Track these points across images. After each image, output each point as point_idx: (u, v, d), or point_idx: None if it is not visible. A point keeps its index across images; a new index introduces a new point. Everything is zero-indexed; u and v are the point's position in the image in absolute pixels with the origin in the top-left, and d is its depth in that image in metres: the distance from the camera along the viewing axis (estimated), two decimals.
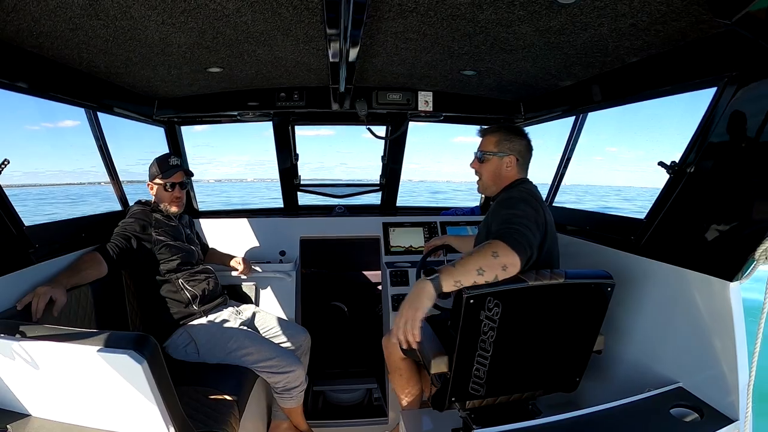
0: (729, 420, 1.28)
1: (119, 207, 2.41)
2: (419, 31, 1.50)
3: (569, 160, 2.47)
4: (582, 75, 1.92)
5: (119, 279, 2.05)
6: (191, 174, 2.30)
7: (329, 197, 3.20)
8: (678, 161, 1.53)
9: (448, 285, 1.27)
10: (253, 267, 2.51)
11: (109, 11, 1.29)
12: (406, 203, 3.37)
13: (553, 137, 2.64)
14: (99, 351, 1.09)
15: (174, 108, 2.51)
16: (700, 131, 1.44)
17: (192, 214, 2.83)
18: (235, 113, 2.51)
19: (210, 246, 2.59)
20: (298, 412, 2.14)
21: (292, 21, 1.40)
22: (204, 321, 2.04)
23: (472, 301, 1.26)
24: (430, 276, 1.29)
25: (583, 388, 1.62)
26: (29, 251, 1.60)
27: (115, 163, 2.38)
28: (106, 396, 1.19)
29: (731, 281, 1.28)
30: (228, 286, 2.45)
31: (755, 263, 1.23)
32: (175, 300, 2.03)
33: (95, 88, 1.99)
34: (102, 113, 2.18)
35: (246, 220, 2.86)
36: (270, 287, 2.60)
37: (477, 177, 1.75)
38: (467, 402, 1.51)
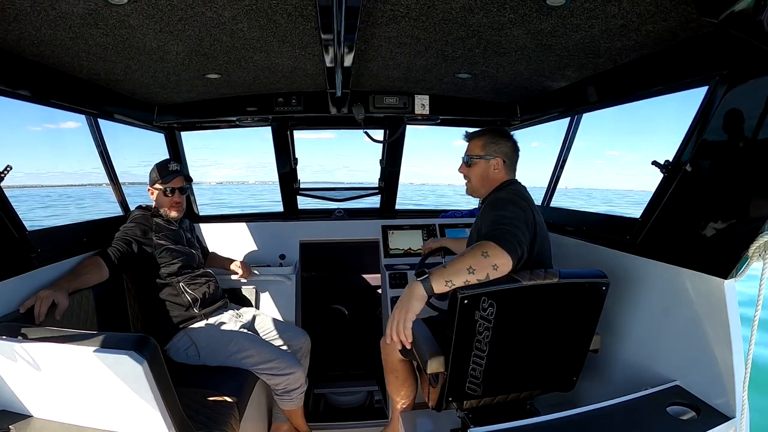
0: (726, 417, 1.27)
1: (120, 212, 2.43)
2: (413, 36, 1.52)
3: (565, 161, 2.48)
4: (576, 76, 1.93)
5: (120, 283, 2.07)
6: (191, 179, 2.33)
7: (328, 201, 3.23)
8: (671, 160, 1.54)
9: (439, 286, 1.28)
10: (253, 270, 2.53)
11: (108, 20, 1.32)
12: (418, 207, 3.39)
13: (553, 139, 2.65)
14: (100, 352, 1.11)
15: (173, 114, 2.54)
16: (692, 130, 1.45)
17: (192, 218, 2.85)
18: (234, 119, 2.53)
19: (210, 250, 2.61)
20: (298, 414, 2.15)
21: (287, 28, 1.43)
22: (204, 324, 2.06)
23: (466, 301, 1.27)
24: (421, 277, 1.30)
25: (581, 387, 1.62)
26: (31, 256, 1.62)
27: (116, 168, 2.41)
28: (107, 397, 1.20)
29: (726, 279, 1.28)
30: (228, 289, 2.47)
31: (749, 260, 1.23)
32: (176, 303, 2.05)
33: (95, 95, 2.02)
34: (102, 119, 2.21)
35: (246, 224, 2.88)
36: (270, 290, 2.62)
37: (465, 181, 1.78)
38: (465, 402, 1.51)
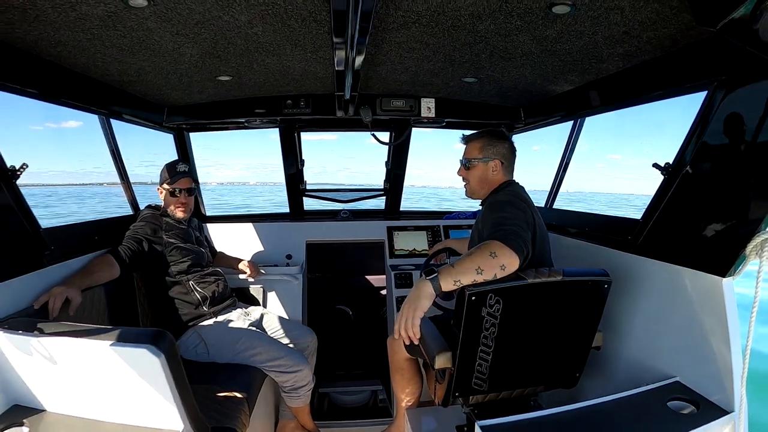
0: (725, 412, 1.30)
1: (130, 211, 2.48)
2: (422, 41, 1.57)
3: (568, 164, 2.52)
4: (579, 80, 1.98)
5: (131, 281, 2.11)
6: (197, 181, 2.36)
7: (334, 202, 3.27)
8: (672, 163, 1.58)
9: (447, 284, 1.32)
10: (261, 270, 2.56)
11: (126, 22, 1.35)
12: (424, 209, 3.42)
13: (556, 142, 2.68)
14: (118, 346, 1.14)
15: (183, 115, 2.58)
16: (692, 133, 1.49)
17: (200, 218, 2.89)
18: (243, 120, 2.58)
19: (218, 250, 2.65)
20: (305, 411, 2.18)
21: (300, 32, 1.47)
22: (213, 322, 2.10)
23: (473, 298, 1.31)
24: (429, 276, 1.34)
25: (583, 384, 1.65)
26: (45, 253, 1.65)
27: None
28: (122, 390, 1.23)
29: (724, 277, 1.31)
30: (236, 288, 2.50)
31: (746, 259, 1.26)
32: (186, 301, 2.09)
33: (108, 95, 2.05)
34: (114, 120, 2.26)
35: (253, 224, 2.92)
36: (277, 290, 2.66)
37: (464, 183, 1.81)
38: (471, 397, 1.55)
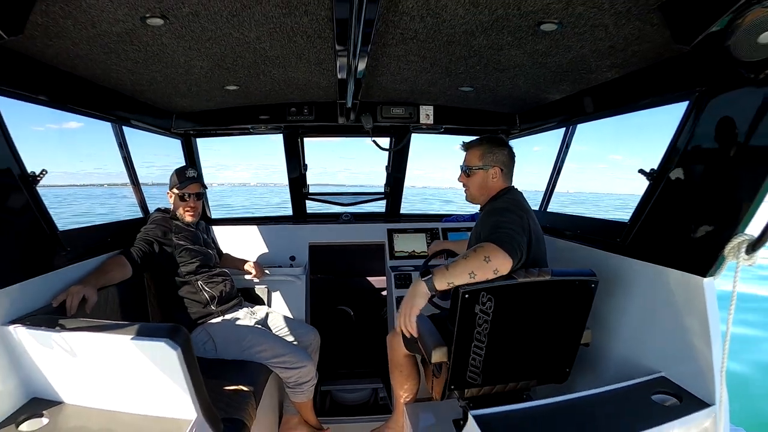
0: (706, 405, 1.37)
1: (140, 214, 2.57)
2: (419, 55, 1.67)
3: (561, 169, 2.61)
4: (570, 90, 2.07)
5: (141, 281, 2.20)
6: (206, 186, 2.46)
7: (336, 205, 3.37)
8: (656, 168, 1.66)
9: (441, 285, 1.42)
10: (265, 271, 2.66)
11: (143, 38, 1.45)
12: (428, 210, 3.50)
13: (556, 143, 2.73)
14: (138, 339, 1.24)
15: (190, 121, 2.68)
16: (675, 141, 1.57)
17: (206, 221, 2.98)
18: (248, 126, 2.68)
19: (224, 251, 2.74)
20: (308, 406, 2.27)
21: (305, 47, 1.57)
22: (221, 320, 2.19)
23: (467, 296, 1.40)
24: (424, 277, 1.44)
25: (574, 379, 1.73)
26: (62, 254, 1.73)
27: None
28: (139, 382, 1.32)
29: (705, 277, 1.39)
30: (242, 288, 2.59)
31: (725, 259, 1.34)
32: (195, 300, 2.18)
33: (119, 103, 2.15)
34: (126, 126, 2.35)
35: (257, 227, 3.01)
36: (281, 290, 2.75)
37: (464, 189, 1.87)
38: (466, 391, 1.63)
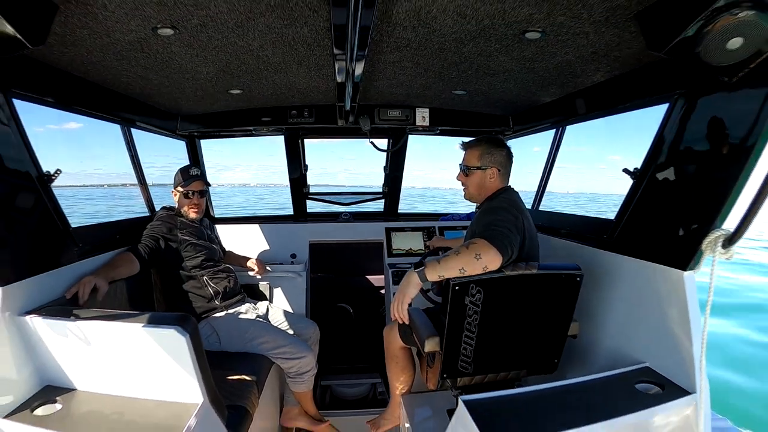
0: (687, 393, 1.43)
1: (147, 212, 2.66)
2: (413, 61, 1.76)
3: (552, 169, 2.69)
4: (559, 92, 2.15)
5: (148, 276, 2.29)
6: (209, 184, 2.55)
7: (336, 204, 3.46)
8: (639, 168, 1.74)
9: (432, 277, 1.51)
10: (267, 268, 2.75)
11: (153, 46, 1.54)
12: (434, 210, 3.58)
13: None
14: (149, 327, 1.32)
15: (195, 123, 2.78)
16: (657, 141, 1.65)
17: (209, 219, 3.07)
18: (251, 128, 2.78)
19: (227, 249, 2.82)
20: (308, 396, 2.35)
21: (305, 54, 1.66)
22: (224, 314, 2.28)
23: (457, 288, 1.48)
24: (417, 269, 1.53)
25: (563, 370, 1.81)
26: (74, 249, 1.81)
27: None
28: (149, 368, 1.40)
29: (685, 270, 1.45)
30: (245, 285, 2.68)
31: (703, 254, 1.40)
32: (199, 295, 2.27)
33: (128, 106, 2.25)
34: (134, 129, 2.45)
35: (259, 225, 3.10)
36: (282, 286, 2.84)
37: (463, 187, 1.93)
38: (458, 380, 1.71)
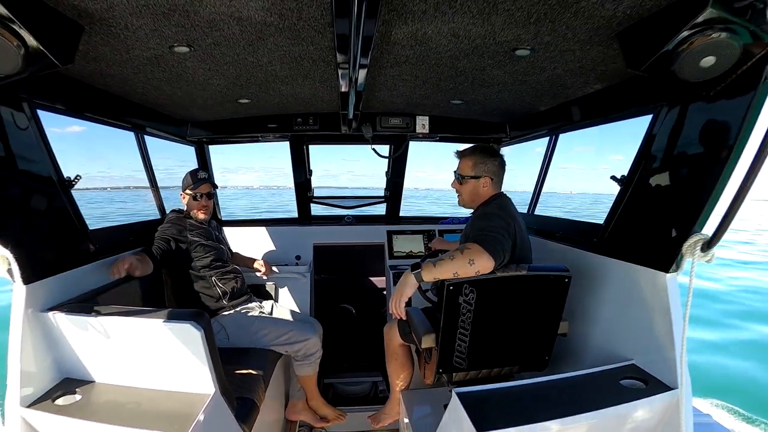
0: (669, 388, 1.51)
1: (158, 215, 2.78)
2: (412, 74, 1.87)
3: (546, 175, 2.81)
4: (552, 102, 2.25)
5: (159, 277, 2.41)
6: (216, 186, 2.67)
7: (339, 208, 3.57)
8: (626, 175, 1.84)
9: (428, 278, 1.62)
10: (273, 269, 2.86)
11: (169, 62, 1.66)
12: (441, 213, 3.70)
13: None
14: (166, 322, 1.43)
15: (204, 129, 2.91)
16: (641, 150, 1.75)
17: (216, 222, 3.19)
18: (258, 135, 2.90)
19: (234, 251, 2.93)
20: (313, 381, 2.46)
21: (311, 69, 1.77)
22: (232, 312, 2.39)
23: (451, 288, 1.58)
24: (414, 270, 1.64)
25: (554, 367, 1.89)
26: (92, 250, 1.92)
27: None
28: (164, 360, 1.51)
29: (668, 273, 1.53)
30: (251, 285, 2.78)
31: (684, 257, 1.49)
32: (208, 295, 2.38)
33: (141, 114, 2.38)
34: (147, 135, 2.57)
35: (265, 228, 3.22)
36: (287, 287, 2.96)
37: (457, 194, 2.01)
38: (454, 375, 1.80)
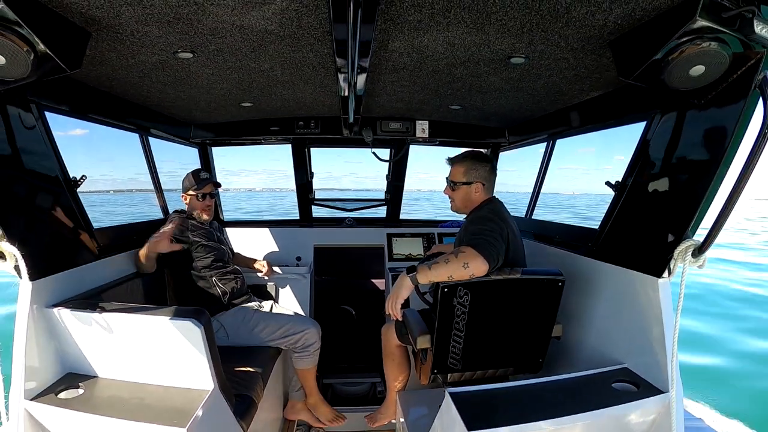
0: (661, 392, 1.53)
1: (161, 215, 2.83)
2: (410, 80, 1.90)
3: (543, 181, 2.84)
4: (550, 108, 2.29)
5: (162, 277, 2.45)
6: (219, 185, 2.72)
7: (340, 210, 3.61)
8: (620, 181, 1.86)
9: (423, 281, 1.66)
10: (274, 269, 2.90)
11: (174, 67, 1.70)
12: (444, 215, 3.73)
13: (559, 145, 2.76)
14: (168, 319, 1.47)
15: (207, 131, 2.96)
16: (635, 156, 1.78)
17: (218, 223, 3.23)
18: (260, 137, 2.95)
19: (235, 251, 2.97)
20: (312, 376, 2.49)
21: (311, 74, 1.81)
22: (231, 310, 2.43)
23: (446, 290, 1.61)
24: (410, 273, 1.68)
25: (548, 370, 1.92)
26: (96, 249, 1.96)
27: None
28: (165, 356, 1.55)
29: (660, 278, 1.55)
30: (252, 285, 2.82)
31: (675, 262, 1.51)
32: (208, 295, 2.42)
33: (146, 117, 2.43)
34: (151, 137, 2.62)
35: (267, 229, 3.26)
36: (287, 287, 3.00)
37: (450, 200, 2.04)
38: (449, 376, 1.83)
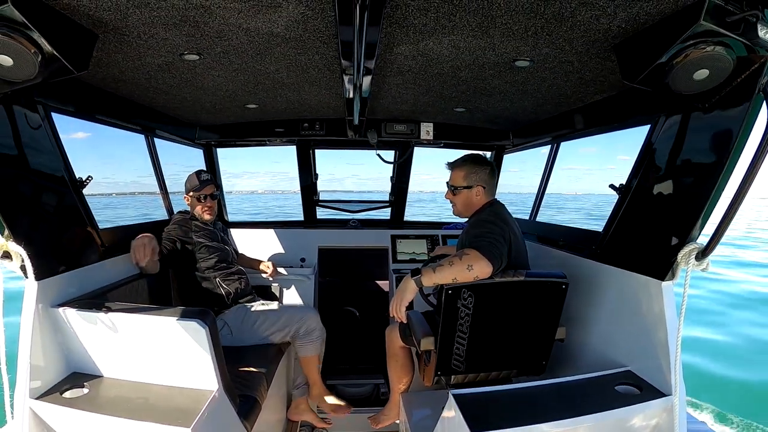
0: (664, 395, 1.53)
1: (166, 216, 2.85)
2: (415, 83, 1.92)
3: (547, 184, 2.85)
4: (554, 111, 2.29)
5: (166, 278, 2.47)
6: (219, 186, 2.74)
7: (344, 212, 3.62)
8: (624, 184, 1.86)
9: (427, 283, 1.67)
10: (279, 270, 2.92)
11: (179, 68, 1.72)
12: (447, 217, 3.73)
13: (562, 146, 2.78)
14: (173, 320, 1.49)
15: (212, 133, 2.98)
16: (639, 159, 1.77)
17: (224, 224, 3.25)
18: (265, 139, 2.97)
19: (240, 252, 2.99)
20: (316, 363, 2.49)
21: (317, 76, 1.83)
22: (234, 308, 2.45)
23: (450, 292, 1.62)
24: (414, 276, 1.68)
25: (552, 372, 1.91)
26: (101, 249, 1.97)
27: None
28: (170, 357, 1.56)
29: (663, 281, 1.55)
30: (256, 285, 2.84)
31: (678, 265, 1.51)
32: (212, 295, 2.43)
33: (151, 118, 2.45)
34: (156, 138, 2.65)
35: (271, 230, 3.28)
36: (292, 288, 3.02)
37: (452, 204, 2.06)
38: (452, 377, 1.83)
